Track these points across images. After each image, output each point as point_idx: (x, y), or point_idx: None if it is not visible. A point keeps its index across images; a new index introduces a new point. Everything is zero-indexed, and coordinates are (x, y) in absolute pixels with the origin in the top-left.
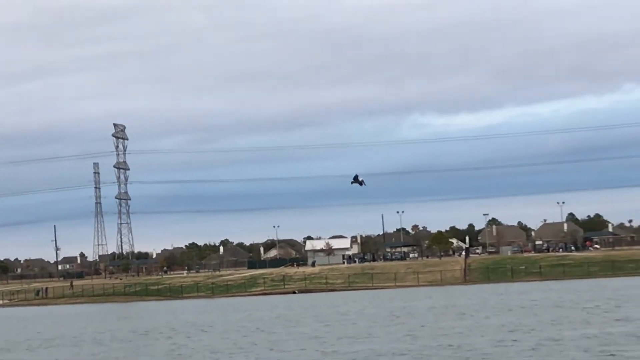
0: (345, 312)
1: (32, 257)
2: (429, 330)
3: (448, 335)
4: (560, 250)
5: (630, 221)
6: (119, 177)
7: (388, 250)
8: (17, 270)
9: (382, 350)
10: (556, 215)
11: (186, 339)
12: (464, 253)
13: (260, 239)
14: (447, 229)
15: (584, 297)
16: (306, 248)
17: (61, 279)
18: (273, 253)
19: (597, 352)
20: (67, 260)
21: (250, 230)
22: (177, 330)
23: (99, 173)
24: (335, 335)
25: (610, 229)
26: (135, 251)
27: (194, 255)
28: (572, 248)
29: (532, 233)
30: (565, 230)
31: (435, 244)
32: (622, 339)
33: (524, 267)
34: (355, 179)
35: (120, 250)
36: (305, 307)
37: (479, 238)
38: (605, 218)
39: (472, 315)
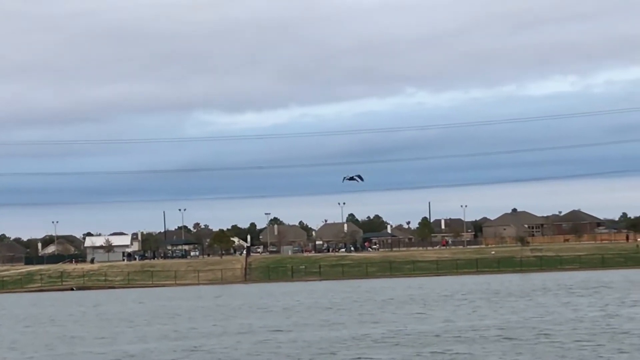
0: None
1: None
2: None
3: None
4: (341, 250)
5: (408, 223)
6: None
7: (169, 248)
8: None
9: None
10: (337, 215)
11: None
12: (245, 252)
13: (39, 234)
14: (229, 227)
15: (333, 297)
16: (85, 244)
17: None
18: (51, 249)
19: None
20: None
21: (27, 226)
22: None
23: None
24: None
25: (389, 230)
26: None
27: None
28: (352, 248)
29: (313, 233)
30: (345, 231)
31: (216, 242)
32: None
33: (304, 266)
34: (353, 178)
35: None
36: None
37: (260, 237)
38: (384, 219)
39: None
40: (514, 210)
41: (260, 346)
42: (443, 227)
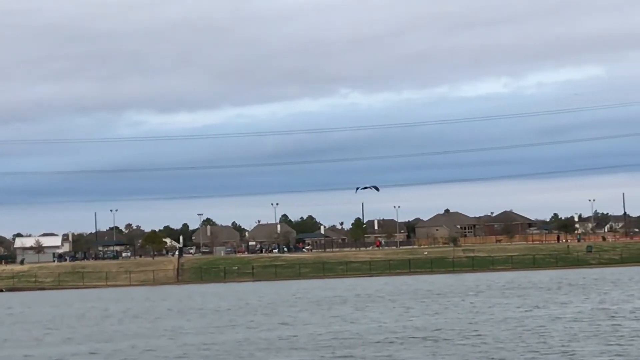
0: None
1: None
2: None
3: None
4: (274, 251)
5: (341, 224)
6: None
7: (100, 249)
8: None
9: None
10: (270, 216)
11: None
12: (177, 253)
13: None
14: (161, 228)
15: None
16: (15, 245)
17: None
18: None
19: None
20: None
21: None
22: None
23: None
24: None
25: (322, 231)
26: None
27: None
28: (285, 249)
29: (246, 234)
30: (278, 232)
31: (148, 243)
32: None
33: (236, 267)
34: (367, 187)
35: None
36: None
37: (193, 238)
38: (317, 220)
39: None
40: (447, 211)
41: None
42: (376, 227)
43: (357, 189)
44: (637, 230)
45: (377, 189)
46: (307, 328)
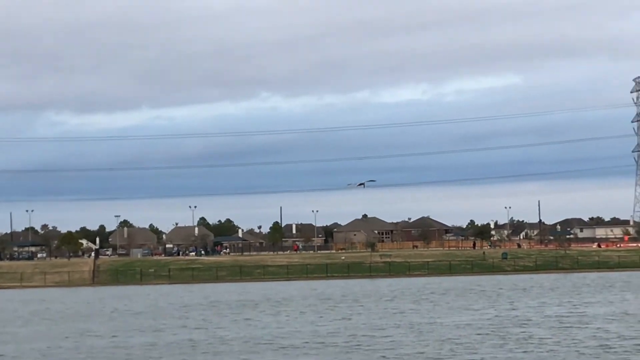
0: None
1: None
2: None
3: None
4: (192, 254)
5: (259, 227)
6: None
7: (15, 249)
8: None
9: None
10: (188, 219)
11: None
12: (93, 254)
13: None
14: (78, 229)
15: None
16: None
17: None
18: None
19: None
20: None
21: None
22: None
23: None
24: None
25: (240, 234)
26: None
27: None
28: (203, 252)
29: (164, 236)
30: (196, 234)
31: (64, 244)
32: None
33: (153, 270)
34: (363, 184)
35: None
36: None
37: (109, 240)
38: (235, 223)
39: None
40: (365, 216)
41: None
42: (294, 231)
43: (353, 184)
44: (551, 237)
45: (372, 181)
46: (217, 332)
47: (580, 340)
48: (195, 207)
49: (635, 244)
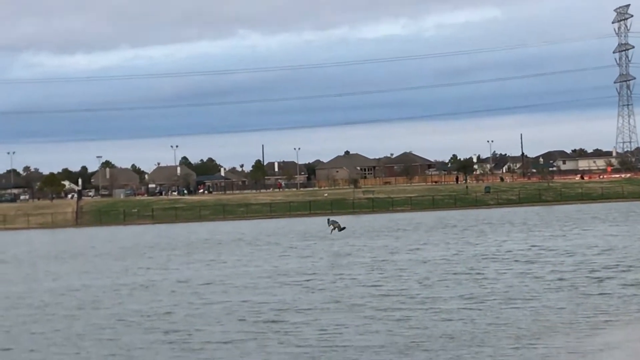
0: None
1: None
2: None
3: None
4: (174, 193)
5: (241, 166)
6: None
7: None
8: None
9: None
10: (170, 158)
11: None
12: (76, 195)
13: None
14: (60, 170)
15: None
16: None
17: None
18: None
19: None
20: None
21: None
22: None
23: None
24: None
25: (222, 173)
26: None
27: None
28: (185, 192)
29: (146, 176)
30: (178, 174)
31: (47, 186)
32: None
33: (136, 210)
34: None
35: None
36: None
37: (92, 180)
38: (218, 162)
39: None
40: (347, 152)
41: None
42: (276, 169)
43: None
44: (534, 170)
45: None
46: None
47: (530, 274)
48: (177, 146)
49: (618, 175)
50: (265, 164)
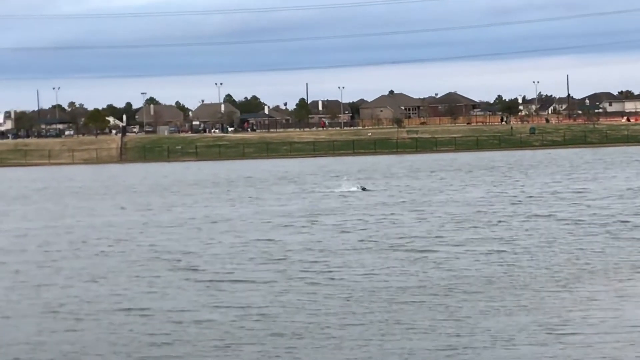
0: None
1: None
2: None
3: None
4: (217, 131)
5: (285, 104)
6: None
7: (43, 127)
8: None
9: None
10: (214, 96)
11: None
12: (120, 132)
13: None
14: (105, 106)
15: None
16: None
17: None
18: None
19: None
20: None
21: None
22: None
23: None
24: None
25: (266, 111)
26: None
27: None
28: (229, 129)
29: (190, 113)
30: (222, 112)
31: (91, 121)
32: None
33: (180, 147)
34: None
35: None
36: None
37: (136, 117)
38: (261, 100)
39: None
40: (391, 92)
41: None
42: (320, 108)
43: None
44: (580, 112)
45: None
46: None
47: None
48: (221, 84)
49: None
50: (309, 102)
